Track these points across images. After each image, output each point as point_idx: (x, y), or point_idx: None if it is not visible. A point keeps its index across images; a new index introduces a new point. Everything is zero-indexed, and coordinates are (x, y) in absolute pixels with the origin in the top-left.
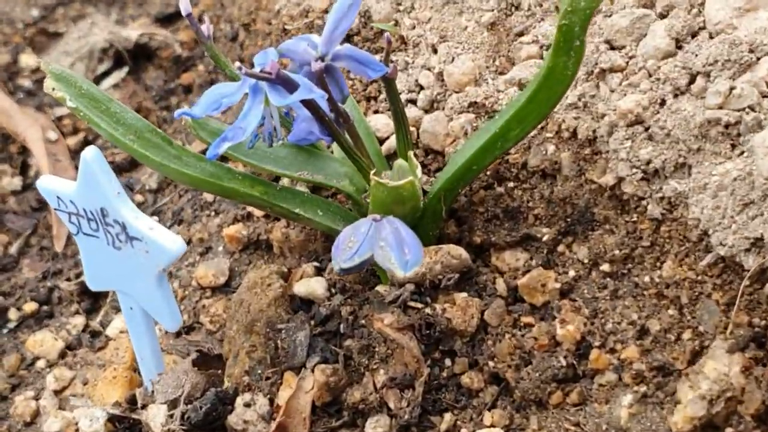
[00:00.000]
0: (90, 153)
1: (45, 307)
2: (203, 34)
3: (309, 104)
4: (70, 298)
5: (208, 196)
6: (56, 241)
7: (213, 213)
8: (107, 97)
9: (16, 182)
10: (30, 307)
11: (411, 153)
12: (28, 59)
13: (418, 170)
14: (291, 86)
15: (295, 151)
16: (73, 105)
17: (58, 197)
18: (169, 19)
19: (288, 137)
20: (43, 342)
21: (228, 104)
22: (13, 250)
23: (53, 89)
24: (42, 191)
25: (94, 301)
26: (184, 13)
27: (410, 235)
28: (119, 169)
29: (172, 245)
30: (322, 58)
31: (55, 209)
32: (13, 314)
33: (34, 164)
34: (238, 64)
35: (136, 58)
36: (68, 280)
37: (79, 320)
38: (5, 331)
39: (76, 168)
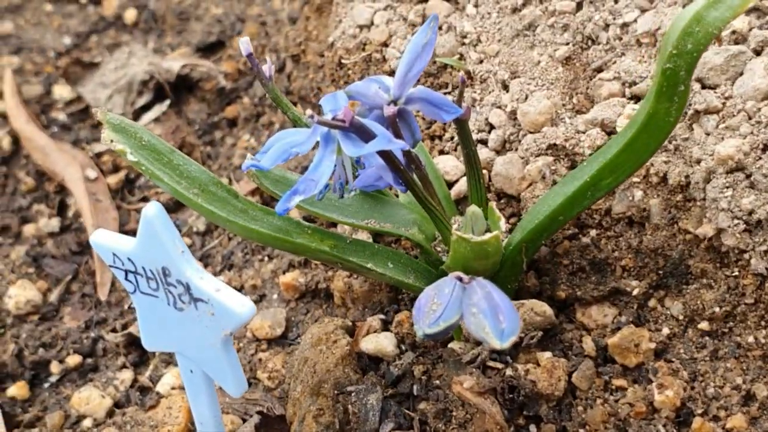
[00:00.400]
0: (152, 210)
1: (89, 360)
2: (264, 75)
3: (383, 153)
4: (116, 350)
5: None
6: (100, 288)
7: (266, 258)
8: (169, 148)
9: (54, 224)
10: (73, 359)
11: (493, 204)
12: (62, 90)
13: (502, 222)
14: (366, 135)
15: (361, 198)
16: (135, 159)
17: (114, 254)
18: (211, 48)
19: (354, 183)
20: (90, 399)
21: (297, 153)
22: (53, 297)
23: (112, 141)
24: (96, 247)
25: (141, 353)
26: (244, 53)
27: (504, 301)
28: (165, 209)
29: (240, 308)
30: (395, 102)
31: (110, 266)
32: (55, 367)
33: (72, 204)
34: (309, 111)
35: (177, 89)
36: (114, 330)
37: (127, 375)
38: (47, 385)
39: (118, 208)
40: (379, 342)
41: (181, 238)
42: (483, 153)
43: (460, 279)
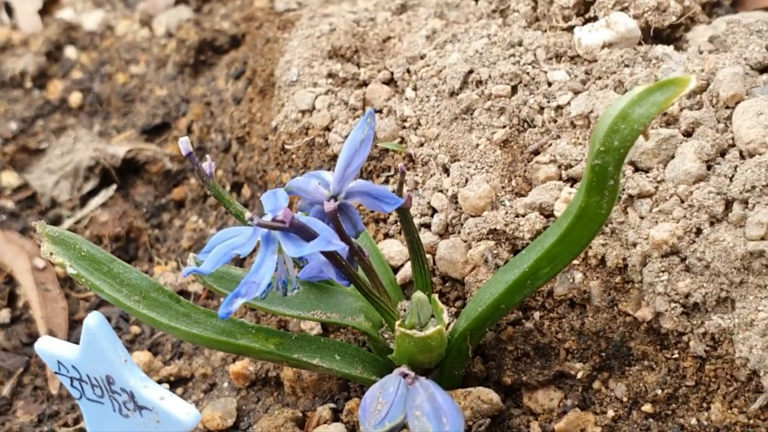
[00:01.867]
0: (93, 320)
1: None
2: (205, 173)
3: (326, 251)
4: None
5: None
6: (51, 381)
7: None
8: (109, 258)
9: (4, 315)
10: None
11: (435, 296)
12: (9, 178)
13: (444, 315)
14: (306, 234)
15: (306, 289)
16: (74, 271)
17: (59, 362)
18: (156, 130)
19: (298, 274)
20: None
21: (238, 255)
22: (5, 391)
23: (51, 254)
24: (41, 355)
25: None
26: (184, 153)
27: (447, 402)
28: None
29: (185, 417)
30: (335, 197)
31: (55, 373)
32: None
33: (22, 294)
34: (248, 214)
35: (123, 173)
36: (65, 425)
37: None
38: None
39: (67, 297)
40: None
41: (124, 347)
42: (426, 237)
43: (405, 375)
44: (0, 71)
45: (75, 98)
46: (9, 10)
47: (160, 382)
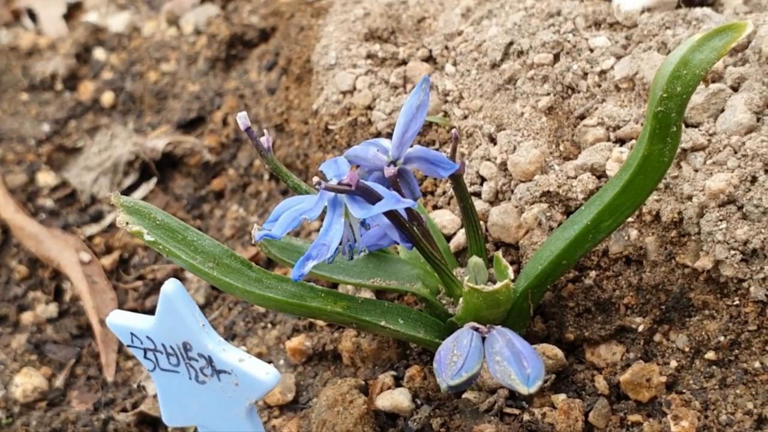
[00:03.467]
0: (170, 287)
1: None
2: (263, 147)
3: (389, 212)
4: (127, 430)
5: (260, 307)
6: (106, 369)
7: (269, 325)
8: (183, 226)
9: (52, 309)
10: None
11: (498, 253)
12: (46, 177)
13: (509, 270)
14: (371, 196)
15: (364, 258)
16: (151, 238)
17: (132, 334)
18: (192, 124)
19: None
20: None
21: (306, 220)
22: (59, 382)
23: (127, 223)
24: (113, 328)
25: (153, 431)
26: (242, 128)
27: (525, 346)
28: (161, 285)
29: (265, 376)
30: (394, 163)
31: (128, 346)
32: None
33: (68, 288)
34: (315, 179)
35: (162, 167)
36: (124, 410)
37: None
38: None
39: (114, 288)
40: (394, 398)
41: (201, 313)
42: (477, 205)
43: (477, 329)
44: (29, 75)
45: (107, 98)
46: (32, 16)
47: None
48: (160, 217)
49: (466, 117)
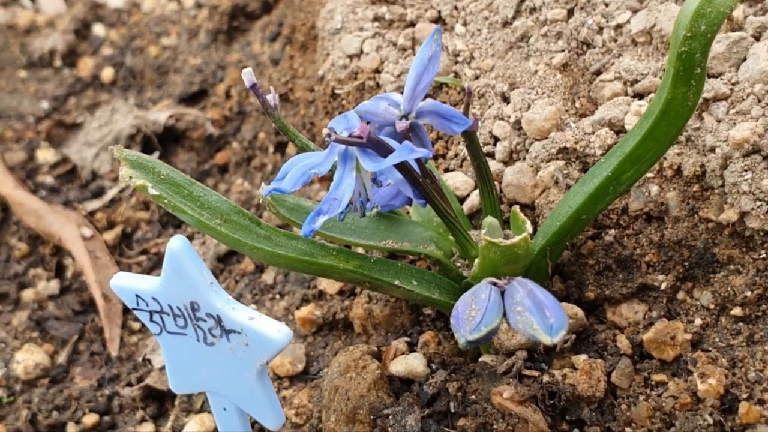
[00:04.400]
0: (177, 243)
1: (106, 418)
2: (270, 105)
3: (402, 167)
4: (132, 405)
5: (267, 278)
6: (110, 343)
7: (277, 295)
8: (189, 181)
9: (53, 286)
10: (90, 419)
11: (516, 208)
12: (45, 154)
13: (527, 225)
14: (383, 149)
15: (376, 219)
16: (156, 192)
17: (137, 296)
18: (194, 98)
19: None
20: None
21: (316, 174)
22: (61, 358)
23: (131, 177)
24: (117, 291)
25: (159, 405)
26: (248, 84)
27: (547, 296)
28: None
29: (277, 334)
30: (406, 117)
31: (133, 309)
32: (72, 429)
33: (70, 265)
34: (326, 130)
35: (164, 141)
36: (129, 385)
37: (148, 428)
38: None
39: (118, 263)
40: (408, 363)
41: (209, 271)
42: (491, 165)
43: (495, 284)
44: (27, 52)
45: (107, 74)
46: None
47: None
48: (165, 172)
49: (477, 77)
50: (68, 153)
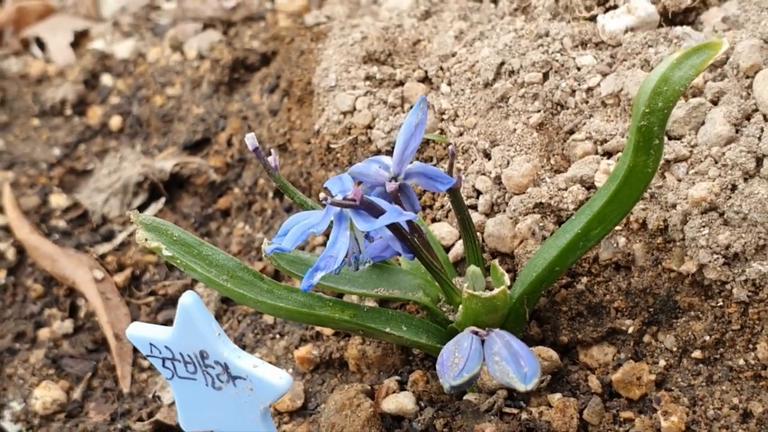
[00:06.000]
0: (188, 299)
1: None
2: (271, 166)
3: (392, 225)
4: None
5: (268, 319)
6: (121, 380)
7: (277, 335)
8: (198, 241)
9: (67, 325)
10: None
11: (495, 262)
12: (58, 199)
13: (505, 277)
14: (375, 210)
15: (368, 269)
16: (169, 253)
17: (151, 344)
18: (197, 146)
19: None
20: None
21: (314, 233)
22: (76, 394)
23: (146, 240)
24: (132, 340)
25: None
26: (251, 148)
27: (522, 347)
28: (172, 300)
29: (278, 381)
30: (395, 178)
31: (147, 356)
32: None
33: (83, 305)
34: (322, 194)
35: (169, 187)
36: (140, 419)
37: None
38: None
39: (128, 304)
40: (399, 401)
41: (217, 323)
42: (474, 217)
43: (476, 333)
44: (40, 101)
45: (115, 122)
46: (41, 44)
47: None
48: (177, 233)
49: (461, 134)
50: (79, 198)
